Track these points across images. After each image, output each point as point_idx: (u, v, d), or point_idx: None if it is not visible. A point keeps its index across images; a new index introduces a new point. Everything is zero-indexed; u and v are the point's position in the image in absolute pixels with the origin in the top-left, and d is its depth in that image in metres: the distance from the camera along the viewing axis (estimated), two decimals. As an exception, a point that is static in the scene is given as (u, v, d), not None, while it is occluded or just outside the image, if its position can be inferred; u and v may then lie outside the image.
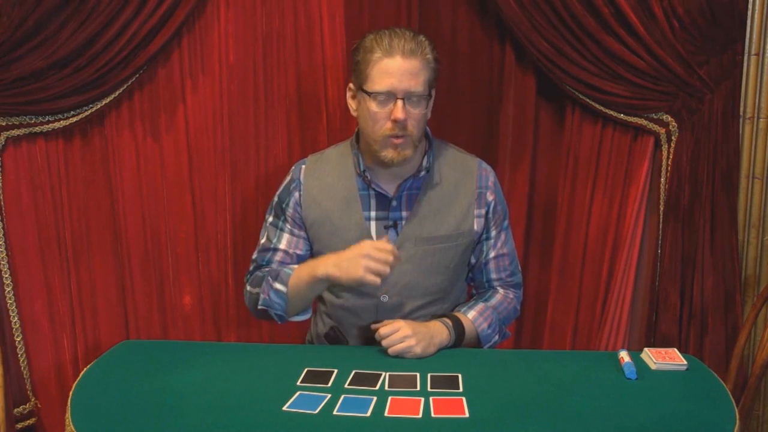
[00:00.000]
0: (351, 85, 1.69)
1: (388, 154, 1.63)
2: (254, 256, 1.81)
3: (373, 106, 1.61)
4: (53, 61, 2.00)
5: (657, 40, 2.01)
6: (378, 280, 1.53)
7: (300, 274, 1.66)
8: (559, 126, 2.26)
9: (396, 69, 1.58)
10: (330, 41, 2.17)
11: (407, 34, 1.61)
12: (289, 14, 2.17)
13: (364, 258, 1.53)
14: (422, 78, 1.60)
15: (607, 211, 2.22)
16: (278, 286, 1.68)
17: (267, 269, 1.76)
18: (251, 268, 1.82)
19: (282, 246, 1.76)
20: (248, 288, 1.78)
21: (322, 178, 1.75)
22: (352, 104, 1.71)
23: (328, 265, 1.58)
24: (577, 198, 2.25)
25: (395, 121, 1.59)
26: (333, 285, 1.63)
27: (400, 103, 1.58)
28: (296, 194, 1.76)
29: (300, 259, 1.76)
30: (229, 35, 2.17)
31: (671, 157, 2.14)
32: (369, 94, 1.61)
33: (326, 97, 2.21)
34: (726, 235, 2.13)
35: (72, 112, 2.11)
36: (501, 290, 1.83)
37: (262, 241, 1.80)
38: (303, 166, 1.79)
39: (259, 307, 1.71)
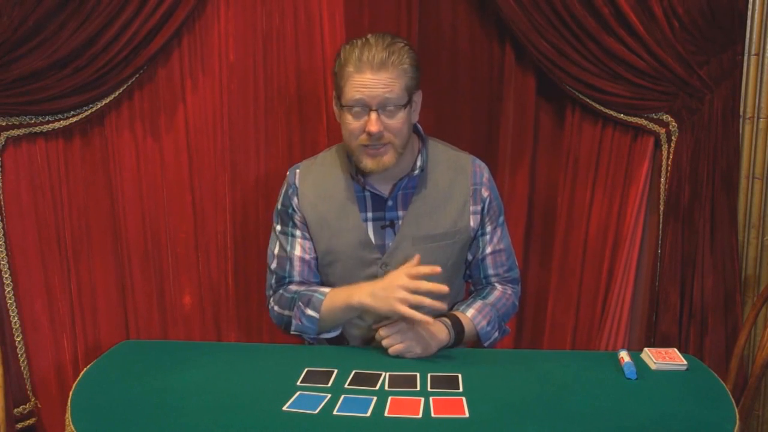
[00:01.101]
0: (334, 92, 1.70)
1: (367, 163, 1.64)
2: (273, 266, 1.80)
3: (349, 118, 1.62)
4: (53, 61, 2.00)
5: (657, 40, 2.01)
6: (412, 312, 1.53)
7: (334, 300, 1.66)
8: (559, 126, 2.26)
9: (366, 83, 1.58)
10: (330, 41, 2.17)
11: (381, 44, 1.59)
12: (289, 13, 2.16)
13: (398, 289, 1.54)
14: (396, 87, 1.59)
15: (607, 211, 2.22)
16: (310, 312, 1.68)
17: (293, 289, 1.75)
18: (272, 281, 1.81)
19: (297, 253, 1.77)
20: (275, 308, 1.78)
21: (317, 181, 1.76)
22: (336, 110, 1.72)
23: (363, 294, 1.60)
24: (577, 198, 2.25)
25: (369, 134, 1.60)
26: (365, 312, 1.64)
27: (374, 115, 1.59)
28: (294, 199, 1.76)
29: (316, 264, 1.77)
30: (229, 34, 2.17)
31: (671, 157, 2.14)
32: (343, 106, 1.62)
33: (326, 97, 2.21)
34: (726, 235, 2.13)
35: (72, 112, 2.11)
36: (499, 286, 1.83)
37: (276, 251, 1.80)
38: (297, 171, 1.80)
39: (292, 332, 1.73)
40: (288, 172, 1.81)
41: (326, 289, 1.70)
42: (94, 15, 1.99)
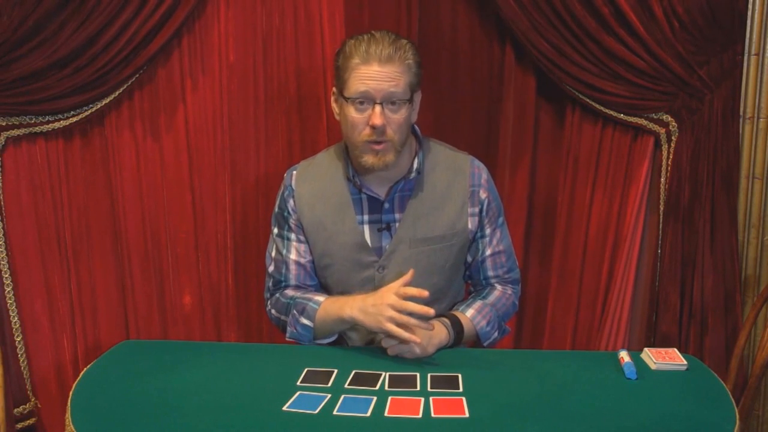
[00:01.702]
0: (334, 89, 1.70)
1: (369, 160, 1.64)
2: (270, 269, 1.81)
3: (352, 111, 1.62)
4: (53, 61, 2.00)
5: (657, 40, 2.01)
6: (400, 331, 1.53)
7: (327, 310, 1.67)
8: (559, 126, 2.26)
9: (373, 75, 1.58)
10: (330, 40, 2.17)
11: (386, 39, 1.60)
12: (289, 13, 2.17)
13: (387, 308, 1.54)
14: (402, 82, 1.60)
15: (607, 211, 2.22)
16: (304, 321, 1.69)
17: (290, 294, 1.76)
18: (270, 284, 1.82)
19: (293, 257, 1.77)
20: (272, 311, 1.80)
21: (314, 183, 1.76)
22: (335, 107, 1.72)
23: (354, 309, 1.60)
24: (577, 198, 2.25)
25: (373, 127, 1.59)
26: (356, 325, 1.64)
27: (378, 108, 1.59)
28: (291, 201, 1.76)
29: (312, 266, 1.78)
30: (229, 34, 2.17)
31: (671, 157, 2.14)
32: (347, 99, 1.62)
33: (326, 97, 2.21)
34: (726, 235, 2.13)
35: (72, 112, 2.11)
36: (499, 287, 1.83)
37: (273, 254, 1.80)
38: (294, 172, 1.79)
39: (288, 338, 1.74)
40: (285, 174, 1.81)
41: (321, 298, 1.71)
42: (94, 15, 1.99)
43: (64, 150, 2.17)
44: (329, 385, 1.46)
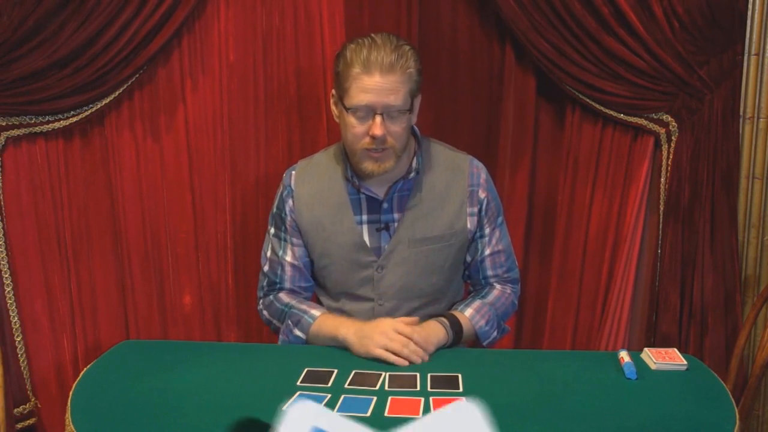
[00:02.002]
0: (334, 92, 1.69)
1: (368, 166, 1.64)
2: (265, 269, 1.81)
3: (352, 120, 1.61)
4: (53, 61, 2.00)
5: (657, 40, 2.01)
6: (387, 354, 1.54)
7: (322, 327, 1.68)
8: (559, 126, 2.26)
9: (374, 86, 1.56)
10: (330, 41, 2.17)
11: (388, 45, 1.57)
12: (289, 13, 2.16)
13: (381, 336, 1.55)
14: (402, 92, 1.59)
15: (607, 211, 2.22)
16: (298, 332, 1.71)
17: (285, 300, 1.77)
18: (264, 283, 1.83)
19: (288, 259, 1.77)
20: (264, 312, 1.81)
21: (313, 183, 1.76)
22: (334, 110, 1.71)
23: (348, 332, 1.61)
24: (577, 198, 2.25)
25: (373, 137, 1.59)
26: (347, 347, 1.64)
27: (378, 119, 1.58)
28: (290, 201, 1.76)
29: (307, 268, 1.79)
30: (229, 34, 2.17)
31: (671, 157, 2.14)
32: (347, 109, 1.61)
33: (326, 97, 2.21)
34: (726, 235, 2.13)
35: (72, 112, 2.11)
36: (498, 286, 1.82)
37: (269, 254, 1.81)
38: (293, 172, 1.79)
39: (280, 343, 1.76)
40: (284, 174, 1.81)
41: (317, 312, 1.71)
42: (94, 15, 1.99)
43: (64, 150, 2.17)
44: (329, 385, 1.46)
